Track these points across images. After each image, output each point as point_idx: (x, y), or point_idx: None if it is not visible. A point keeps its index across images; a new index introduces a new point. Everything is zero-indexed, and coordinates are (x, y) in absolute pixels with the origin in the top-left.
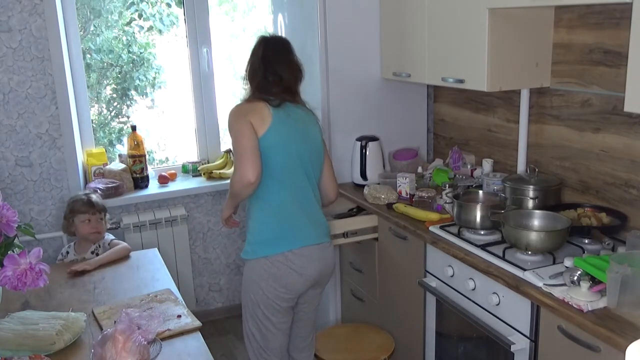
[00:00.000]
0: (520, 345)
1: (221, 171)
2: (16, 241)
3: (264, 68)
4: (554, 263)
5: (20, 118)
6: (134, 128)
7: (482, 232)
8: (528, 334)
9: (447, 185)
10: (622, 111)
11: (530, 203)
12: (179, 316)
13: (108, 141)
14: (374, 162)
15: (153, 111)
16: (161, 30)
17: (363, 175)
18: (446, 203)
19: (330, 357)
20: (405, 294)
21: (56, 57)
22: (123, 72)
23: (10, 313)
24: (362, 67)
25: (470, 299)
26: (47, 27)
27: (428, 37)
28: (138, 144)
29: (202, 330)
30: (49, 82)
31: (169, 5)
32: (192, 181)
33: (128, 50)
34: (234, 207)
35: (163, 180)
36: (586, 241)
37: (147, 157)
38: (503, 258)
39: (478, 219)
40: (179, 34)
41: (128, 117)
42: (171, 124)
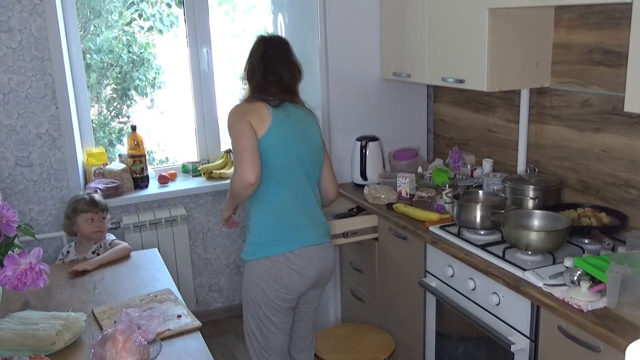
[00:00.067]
0: (520, 345)
1: (221, 171)
2: (16, 241)
3: (264, 68)
4: (554, 263)
5: (20, 118)
6: (134, 128)
7: (482, 232)
8: (528, 334)
9: (447, 185)
10: (622, 111)
11: (530, 203)
12: (179, 316)
13: (108, 141)
14: (374, 162)
15: (153, 111)
16: (161, 30)
17: (363, 175)
18: (446, 203)
19: (330, 357)
20: (405, 294)
21: (56, 57)
22: (123, 72)
23: (10, 313)
24: (362, 67)
25: (470, 299)
26: (47, 27)
27: (428, 37)
28: (138, 144)
29: (202, 330)
30: (49, 82)
31: (169, 5)
32: (192, 181)
33: (128, 50)
34: (234, 208)
35: (163, 180)
36: (586, 241)
37: (147, 157)
38: (503, 258)
39: (478, 219)
40: (179, 34)
41: (128, 117)
42: (171, 124)
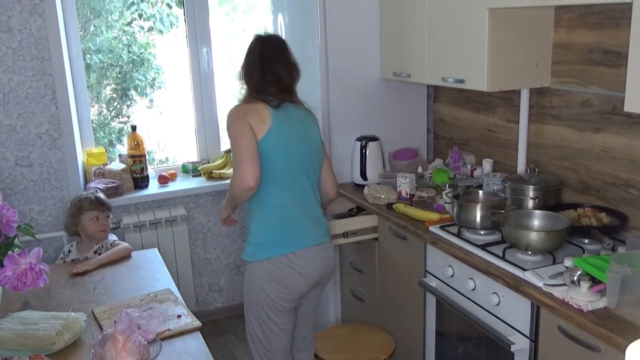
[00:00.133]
0: (520, 345)
1: (221, 171)
2: (16, 241)
3: (262, 68)
4: (554, 263)
5: (20, 118)
6: (134, 128)
7: (482, 232)
8: (528, 334)
9: (447, 185)
10: (622, 111)
11: (530, 203)
12: (179, 316)
13: (108, 141)
14: (374, 162)
15: (153, 111)
16: (161, 30)
17: (363, 175)
18: (446, 203)
19: (330, 357)
20: (405, 294)
21: (56, 57)
22: (123, 72)
23: (10, 313)
24: (362, 67)
25: (470, 299)
26: (47, 27)
27: (428, 37)
28: (138, 144)
29: (202, 330)
30: (49, 82)
31: (169, 5)
32: (192, 181)
33: (128, 50)
34: (233, 208)
35: (163, 180)
36: (586, 241)
37: (147, 157)
38: (503, 258)
39: (478, 219)
40: (179, 34)
41: (128, 117)
42: (171, 124)
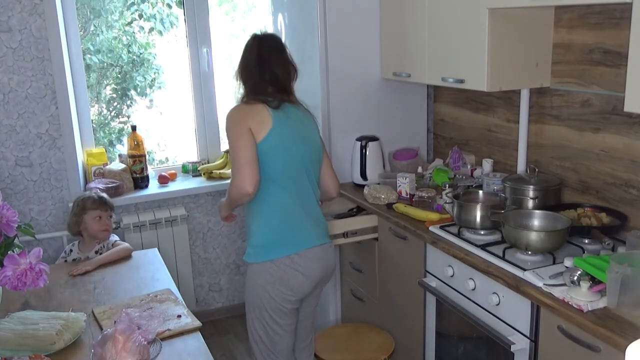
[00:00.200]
0: (520, 345)
1: (221, 171)
2: (16, 241)
3: (260, 68)
4: (554, 263)
5: (20, 118)
6: (134, 128)
7: (482, 232)
8: (528, 334)
9: (447, 185)
10: (622, 111)
11: (530, 203)
12: (179, 316)
13: (108, 141)
14: (374, 162)
15: (153, 111)
16: (161, 31)
17: (363, 175)
18: (446, 203)
19: (330, 357)
20: (405, 294)
21: (56, 57)
22: (123, 72)
23: (10, 313)
24: (362, 67)
25: (470, 299)
26: (47, 27)
27: (428, 37)
28: (138, 144)
29: (202, 330)
30: (49, 82)
31: (169, 5)
32: (192, 181)
33: (128, 50)
34: (232, 208)
35: (163, 180)
36: (586, 241)
37: (147, 157)
38: (503, 258)
39: (478, 219)
40: (179, 34)
41: (128, 117)
42: (171, 124)
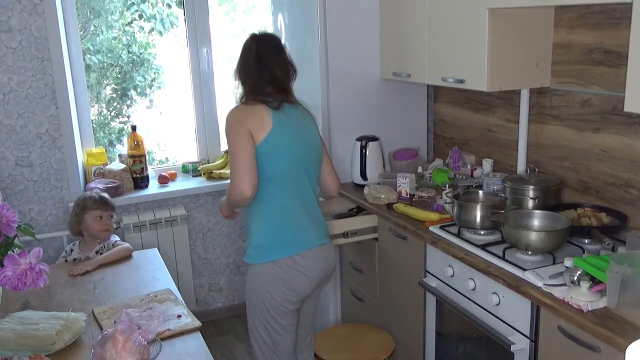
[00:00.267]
0: (520, 345)
1: (221, 171)
2: (16, 241)
3: (259, 68)
4: (554, 263)
5: (20, 118)
6: (134, 128)
7: (482, 232)
8: (528, 334)
9: (447, 185)
10: (622, 111)
11: (530, 203)
12: (179, 316)
13: (108, 141)
14: (374, 162)
15: (153, 111)
16: (161, 31)
17: (363, 175)
18: (446, 203)
19: (330, 357)
20: (405, 294)
21: (56, 57)
22: (123, 72)
23: (10, 313)
24: (362, 67)
25: (470, 299)
26: (47, 27)
27: (428, 37)
28: (138, 144)
29: (202, 330)
30: (49, 82)
31: (169, 5)
32: (192, 181)
33: (128, 50)
34: (232, 208)
35: (163, 180)
36: (586, 241)
37: (147, 157)
38: (503, 258)
39: (478, 219)
40: (179, 34)
41: (128, 117)
42: (171, 124)
